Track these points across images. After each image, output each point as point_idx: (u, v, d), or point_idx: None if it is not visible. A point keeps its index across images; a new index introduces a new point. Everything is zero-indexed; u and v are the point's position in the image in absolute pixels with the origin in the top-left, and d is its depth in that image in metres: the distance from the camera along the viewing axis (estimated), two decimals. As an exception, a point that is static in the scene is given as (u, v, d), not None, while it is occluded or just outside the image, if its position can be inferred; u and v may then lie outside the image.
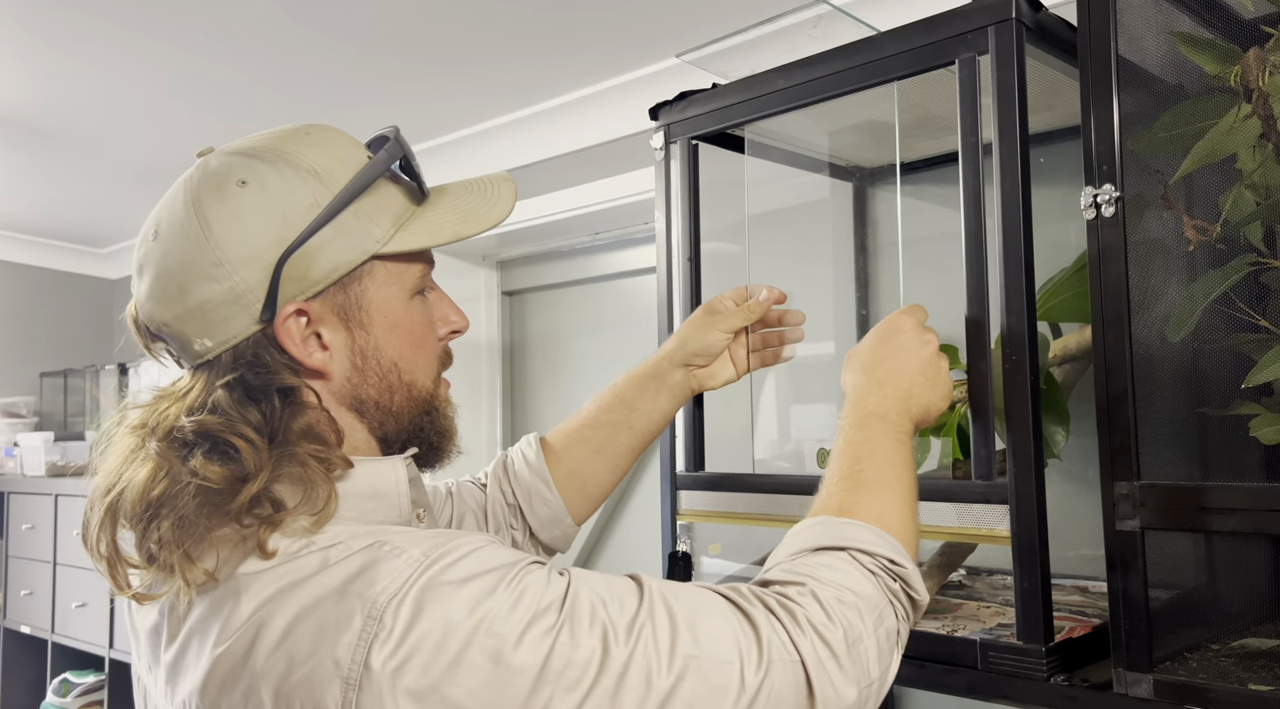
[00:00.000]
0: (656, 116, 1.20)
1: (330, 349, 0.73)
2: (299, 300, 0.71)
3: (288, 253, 0.70)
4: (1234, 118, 0.81)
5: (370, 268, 0.74)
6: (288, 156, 0.72)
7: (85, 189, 2.85)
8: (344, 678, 0.59)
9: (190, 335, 0.71)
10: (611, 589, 0.66)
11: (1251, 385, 0.84)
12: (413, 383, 0.77)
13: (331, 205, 0.71)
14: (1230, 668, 0.82)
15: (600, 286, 2.35)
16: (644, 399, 1.08)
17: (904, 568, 0.74)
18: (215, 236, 0.69)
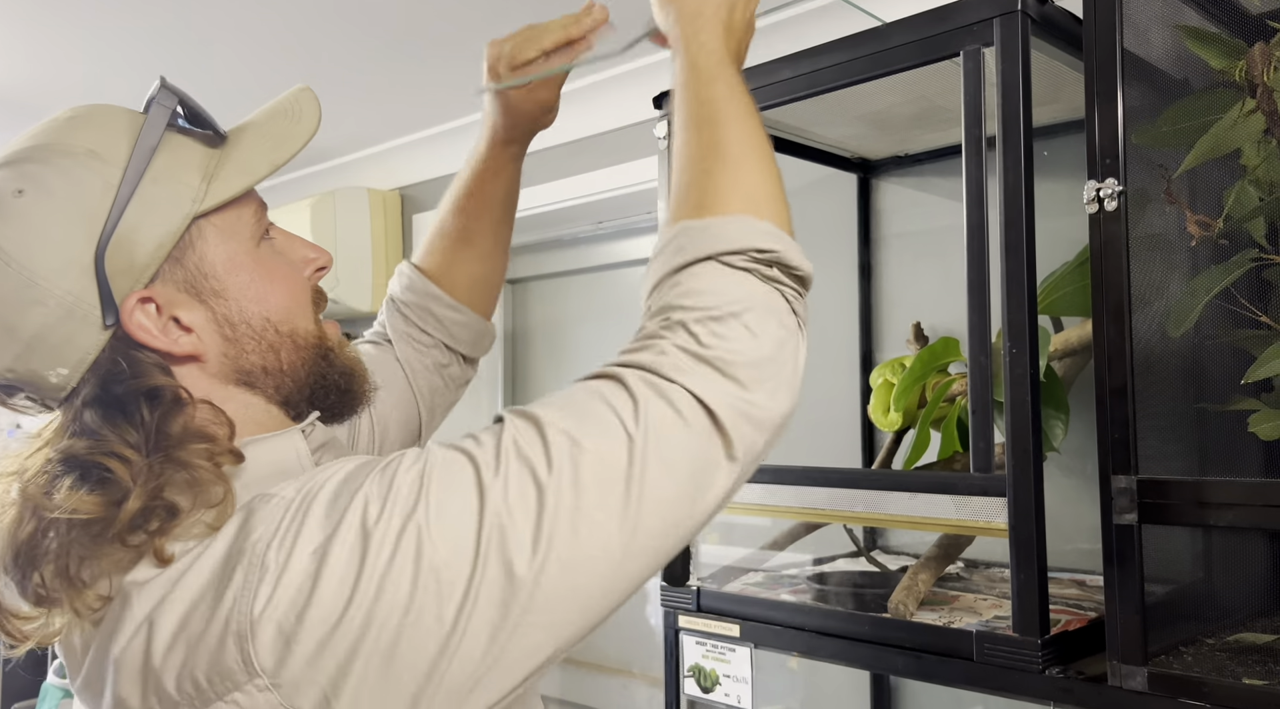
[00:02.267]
0: (660, 105, 1.20)
1: (194, 329, 0.67)
2: (138, 290, 0.64)
3: (101, 247, 0.63)
4: (1238, 113, 0.81)
5: (198, 230, 0.67)
6: (59, 147, 0.65)
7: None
8: (236, 633, 0.56)
9: (40, 370, 0.64)
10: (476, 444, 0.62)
11: (1251, 381, 0.84)
12: (293, 332, 0.71)
13: (125, 181, 0.64)
14: (1225, 662, 0.83)
15: (603, 276, 2.34)
16: (508, 188, 1.02)
17: (773, 251, 0.68)
18: (16, 260, 0.62)
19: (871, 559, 1.31)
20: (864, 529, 1.45)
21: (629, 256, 2.25)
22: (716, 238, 0.68)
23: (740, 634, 1.10)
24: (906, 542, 1.46)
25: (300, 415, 0.74)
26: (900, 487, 1.00)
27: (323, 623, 0.55)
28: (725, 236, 0.68)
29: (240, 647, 0.56)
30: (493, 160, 1.00)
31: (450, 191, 1.03)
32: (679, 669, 1.16)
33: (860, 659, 1.02)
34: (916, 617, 1.00)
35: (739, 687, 1.10)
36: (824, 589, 1.11)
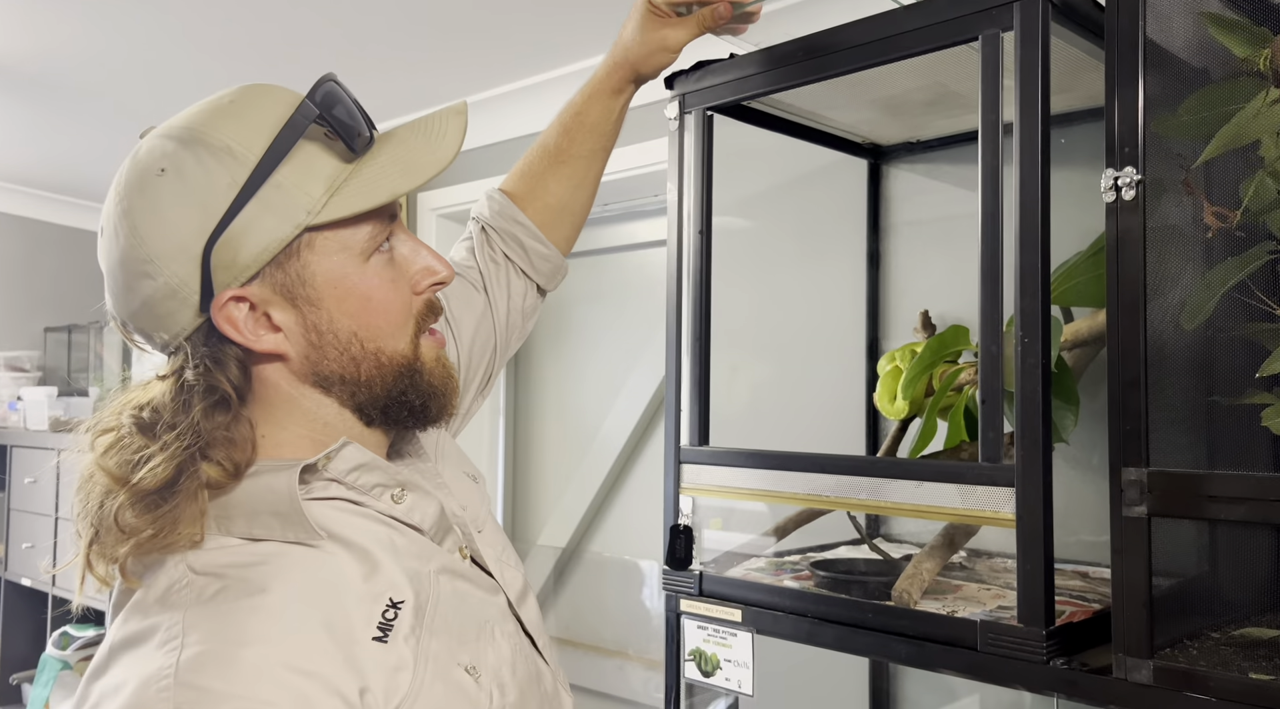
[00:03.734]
0: (672, 86, 1.18)
1: (283, 329, 0.70)
2: (234, 287, 0.68)
3: (211, 240, 0.66)
4: (1261, 102, 0.80)
5: (308, 240, 0.69)
6: (202, 136, 0.68)
7: (87, 142, 2.84)
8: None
9: (148, 330, 0.71)
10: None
11: (1265, 375, 0.83)
12: (379, 350, 0.73)
13: (249, 182, 0.66)
14: (1231, 656, 0.82)
15: (609, 258, 2.34)
16: (611, 118, 1.09)
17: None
18: (141, 234, 0.67)
19: (875, 547, 1.31)
20: (867, 517, 1.44)
21: (635, 239, 2.24)
22: None
23: (742, 619, 1.10)
24: (910, 530, 1.46)
25: (372, 422, 0.76)
26: (906, 475, 1.00)
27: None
28: None
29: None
30: (607, 84, 1.06)
31: (559, 114, 1.09)
32: (680, 653, 1.16)
33: (863, 647, 1.01)
34: (920, 605, 1.00)
35: (740, 671, 1.10)
36: (827, 576, 1.11)
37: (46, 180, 3.34)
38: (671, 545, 1.16)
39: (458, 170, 2.37)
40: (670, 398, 1.18)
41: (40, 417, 3.02)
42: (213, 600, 0.63)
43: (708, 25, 1.06)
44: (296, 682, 0.60)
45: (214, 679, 0.59)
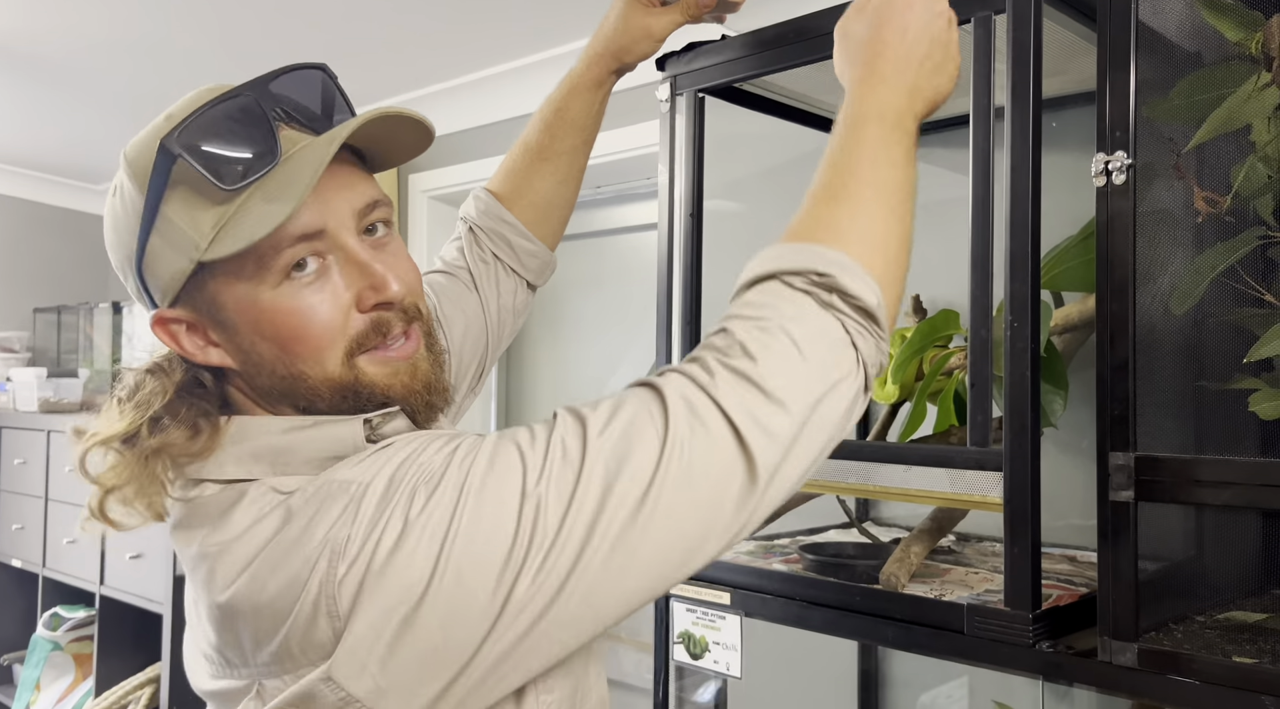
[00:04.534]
0: (663, 67, 1.18)
1: (221, 346, 0.71)
2: (162, 308, 0.71)
3: (138, 261, 0.69)
4: (1252, 86, 0.80)
5: (209, 270, 0.67)
6: (128, 158, 0.69)
7: (80, 123, 2.82)
8: (326, 611, 0.61)
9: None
10: (530, 440, 0.64)
11: (1253, 360, 0.83)
12: (303, 374, 0.69)
13: (144, 214, 0.67)
14: (1215, 639, 0.83)
15: (601, 242, 2.33)
16: (592, 112, 1.08)
17: (829, 276, 0.65)
18: (109, 245, 0.73)
19: (864, 531, 1.31)
20: (857, 501, 1.45)
21: (627, 222, 2.24)
22: (784, 259, 0.67)
23: (731, 602, 1.10)
24: (899, 514, 1.46)
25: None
26: (896, 459, 1.00)
27: (385, 612, 0.60)
28: (792, 258, 0.67)
29: (333, 626, 0.60)
30: (587, 77, 1.06)
31: (539, 110, 1.08)
32: (669, 635, 1.16)
33: (851, 630, 1.02)
34: (908, 589, 1.00)
35: (728, 654, 1.10)
36: (816, 559, 1.11)
37: (38, 160, 3.32)
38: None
39: (450, 152, 2.36)
40: (660, 381, 1.17)
41: (29, 398, 3.01)
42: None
43: (692, 13, 1.05)
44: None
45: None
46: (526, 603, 0.60)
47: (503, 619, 0.60)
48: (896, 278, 0.69)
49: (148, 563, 2.45)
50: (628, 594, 0.62)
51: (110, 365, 3.01)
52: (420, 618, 0.59)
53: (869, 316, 0.66)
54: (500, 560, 0.59)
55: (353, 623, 0.60)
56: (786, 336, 0.64)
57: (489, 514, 0.60)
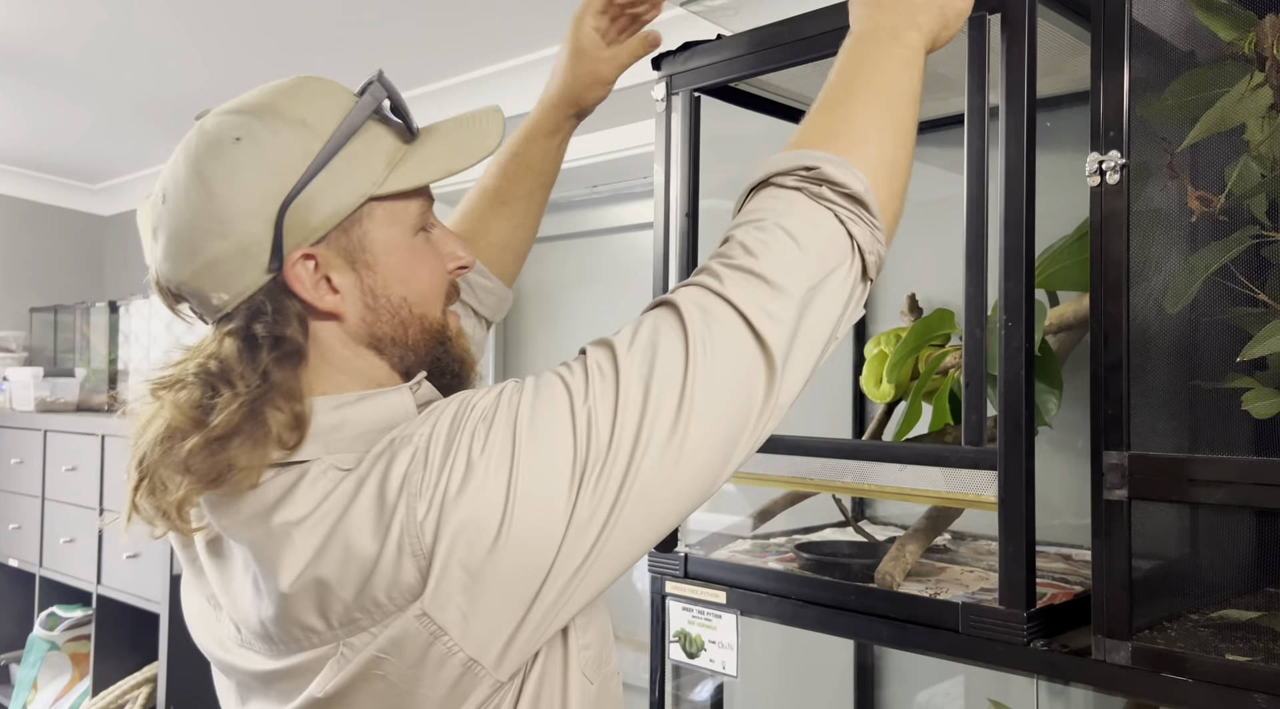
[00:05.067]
0: (659, 67, 1.18)
1: (341, 292, 0.75)
2: (304, 247, 0.73)
3: (286, 203, 0.72)
4: (1245, 87, 0.80)
5: (369, 210, 0.75)
6: (277, 109, 0.74)
7: (77, 122, 2.81)
8: (411, 552, 0.64)
9: (207, 291, 0.74)
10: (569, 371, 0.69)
11: (1247, 359, 0.83)
12: (424, 315, 0.79)
13: (323, 153, 0.73)
14: (1208, 638, 0.83)
15: (596, 241, 2.33)
16: (549, 158, 1.11)
17: (815, 168, 0.72)
18: (217, 195, 0.72)
19: (859, 529, 1.32)
20: (852, 500, 1.45)
21: (623, 222, 2.24)
22: (775, 164, 0.74)
23: (727, 601, 1.10)
24: (894, 513, 1.46)
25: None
26: (891, 458, 1.00)
27: (467, 544, 0.64)
28: (783, 161, 0.74)
29: (418, 565, 0.64)
30: (542, 123, 1.09)
31: (497, 154, 1.10)
32: (664, 634, 1.17)
33: (846, 628, 1.02)
34: (903, 587, 1.00)
35: (724, 653, 1.11)
36: (811, 558, 1.11)
37: (33, 159, 3.31)
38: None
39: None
40: (656, 380, 1.18)
41: (26, 397, 3.00)
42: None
43: (638, 54, 1.08)
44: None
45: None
46: (591, 515, 0.65)
47: (570, 534, 0.65)
48: (892, 172, 0.74)
49: (145, 563, 2.45)
50: (680, 493, 0.68)
51: (107, 365, 3.00)
52: (498, 544, 0.64)
53: (858, 203, 0.72)
54: (565, 477, 0.65)
55: (436, 557, 0.64)
56: (782, 231, 0.70)
57: (545, 436, 0.65)
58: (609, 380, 0.67)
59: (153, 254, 0.77)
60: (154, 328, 2.62)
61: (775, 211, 0.71)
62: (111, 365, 2.99)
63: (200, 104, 0.87)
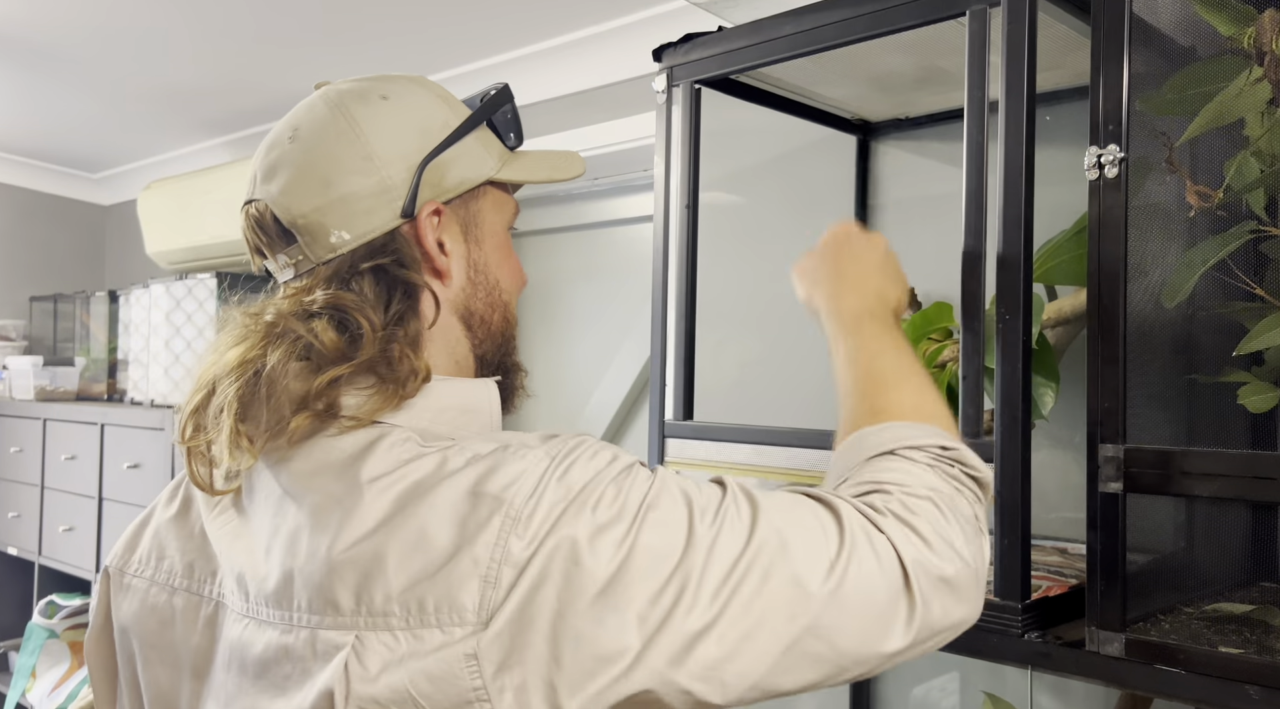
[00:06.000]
0: (660, 58, 1.18)
1: (450, 256, 0.78)
2: (436, 202, 0.76)
3: (428, 158, 0.75)
4: (1244, 81, 0.80)
5: (485, 191, 0.80)
6: (420, 82, 0.80)
7: (78, 111, 2.81)
8: (482, 576, 0.60)
9: (329, 226, 0.74)
10: (697, 487, 0.68)
11: (1243, 354, 0.84)
12: (509, 304, 0.83)
13: (462, 127, 0.78)
14: (1202, 630, 0.83)
15: (596, 234, 2.33)
16: None
17: (955, 450, 0.75)
18: (365, 134, 0.74)
19: (856, 522, 1.32)
20: (850, 492, 1.45)
21: (624, 214, 2.24)
22: (897, 436, 0.75)
23: (723, 592, 1.10)
24: (891, 506, 1.46)
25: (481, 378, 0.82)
26: (888, 450, 1.00)
27: (549, 611, 0.60)
28: (905, 435, 0.75)
29: (483, 592, 0.60)
30: None
31: None
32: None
33: (841, 619, 1.02)
34: (899, 579, 1.00)
35: (720, 643, 1.11)
36: (808, 550, 1.11)
37: (34, 148, 3.31)
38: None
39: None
40: (655, 373, 1.18)
41: (26, 386, 3.00)
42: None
43: None
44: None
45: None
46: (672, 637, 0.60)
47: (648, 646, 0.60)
48: (956, 434, 0.80)
49: (143, 551, 2.45)
50: (763, 682, 0.63)
51: (106, 354, 3.00)
52: (578, 622, 0.59)
53: (982, 487, 0.77)
54: (662, 581, 0.61)
55: (509, 604, 0.59)
56: (932, 504, 0.71)
57: (659, 537, 0.62)
58: (744, 522, 0.65)
59: (264, 192, 0.76)
60: (154, 318, 2.62)
61: (923, 483, 0.72)
62: (111, 355, 2.99)
63: (201, 95, 0.88)
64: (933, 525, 0.68)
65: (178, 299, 2.54)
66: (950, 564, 0.68)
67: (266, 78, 2.38)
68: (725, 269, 1.65)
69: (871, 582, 0.65)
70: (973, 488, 0.74)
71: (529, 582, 0.59)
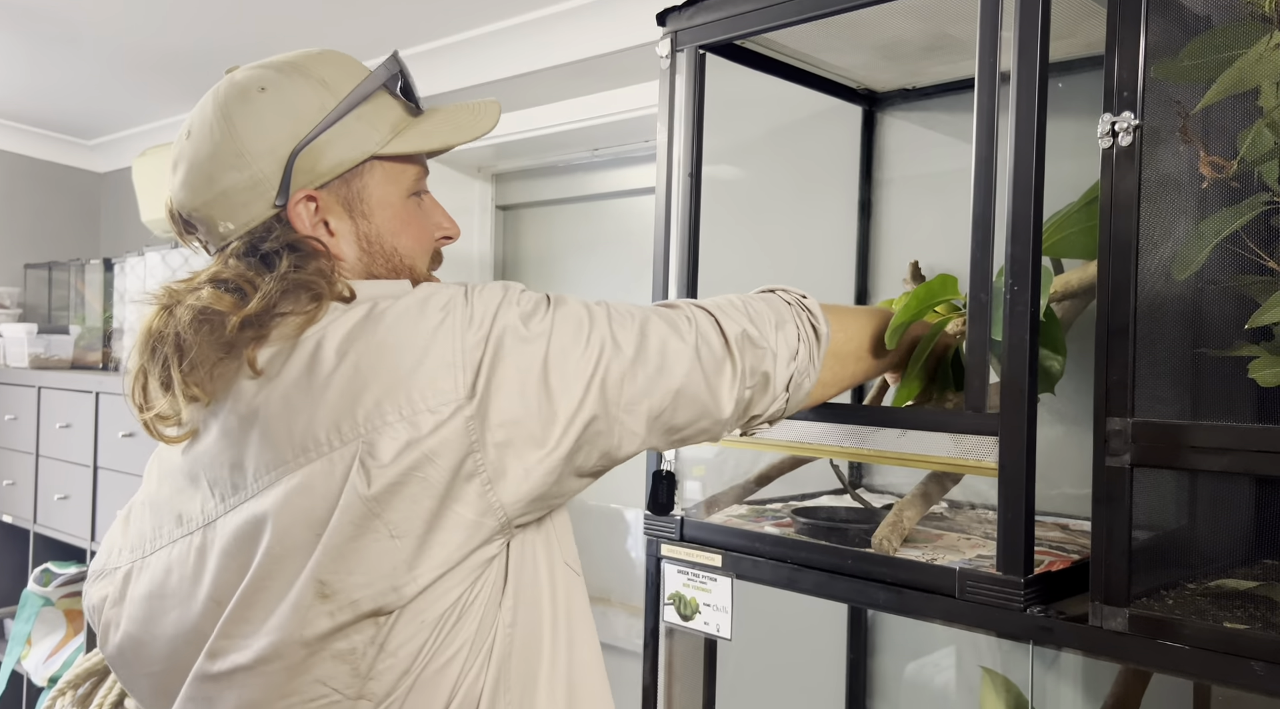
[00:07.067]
0: (664, 22, 1.16)
1: (336, 235, 0.84)
2: (308, 189, 0.82)
3: (299, 147, 0.81)
4: (1264, 46, 0.78)
5: (370, 166, 0.85)
6: (302, 68, 0.84)
7: (73, 77, 2.77)
8: (449, 363, 0.74)
9: (215, 218, 0.83)
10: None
11: (1254, 327, 0.82)
12: (413, 267, 0.88)
13: (337, 110, 0.83)
14: (1206, 606, 0.83)
15: (597, 205, 2.31)
16: None
17: (810, 299, 0.97)
18: (238, 132, 0.81)
19: (857, 496, 1.31)
20: (849, 467, 1.44)
21: (624, 186, 2.21)
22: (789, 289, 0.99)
23: (722, 564, 1.10)
24: (891, 482, 1.46)
25: None
26: (892, 423, 0.99)
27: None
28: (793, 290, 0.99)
29: (455, 375, 0.75)
30: None
31: None
32: (659, 597, 1.16)
33: (842, 593, 1.02)
34: (899, 553, 1.00)
35: (719, 616, 1.11)
36: (808, 522, 1.11)
37: (30, 115, 3.27)
38: (654, 490, 1.16)
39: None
40: (655, 342, 1.16)
41: (20, 353, 2.99)
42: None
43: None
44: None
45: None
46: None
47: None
48: (840, 361, 1.00)
49: (139, 520, 2.45)
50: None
51: (101, 323, 2.98)
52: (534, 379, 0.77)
53: (819, 336, 0.95)
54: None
55: (480, 378, 0.76)
56: (765, 303, 0.94)
57: (571, 311, 0.82)
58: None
59: (171, 184, 0.85)
60: (149, 287, 2.59)
61: (763, 301, 0.94)
62: (106, 323, 2.97)
63: (197, 60, 0.94)
64: (748, 311, 0.91)
65: (173, 267, 2.52)
66: (743, 327, 0.89)
67: (265, 44, 2.34)
68: (728, 240, 1.63)
69: (709, 338, 0.87)
70: (809, 324, 0.94)
71: (489, 360, 0.75)
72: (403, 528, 0.73)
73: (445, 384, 0.74)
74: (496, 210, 2.51)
